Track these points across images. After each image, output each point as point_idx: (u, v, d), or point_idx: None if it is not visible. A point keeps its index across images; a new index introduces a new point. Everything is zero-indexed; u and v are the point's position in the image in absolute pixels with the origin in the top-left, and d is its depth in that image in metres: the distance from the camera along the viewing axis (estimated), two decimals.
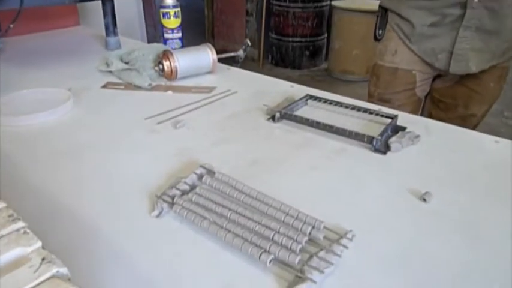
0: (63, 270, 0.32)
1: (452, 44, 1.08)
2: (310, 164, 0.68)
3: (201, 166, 0.62)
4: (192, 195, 0.55)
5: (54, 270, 0.32)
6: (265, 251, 0.46)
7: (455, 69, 1.10)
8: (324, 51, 3.71)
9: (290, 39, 3.54)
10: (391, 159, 0.70)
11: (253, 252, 0.46)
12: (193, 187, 0.58)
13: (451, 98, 1.23)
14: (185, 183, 0.58)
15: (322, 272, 0.44)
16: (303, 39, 3.54)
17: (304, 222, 0.51)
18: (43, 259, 0.33)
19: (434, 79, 1.23)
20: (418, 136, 0.76)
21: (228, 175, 0.59)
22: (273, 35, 3.65)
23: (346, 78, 3.44)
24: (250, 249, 0.46)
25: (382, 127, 0.78)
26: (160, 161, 0.67)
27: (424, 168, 0.67)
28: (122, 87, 1.01)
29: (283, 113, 0.81)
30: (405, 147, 0.74)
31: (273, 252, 0.46)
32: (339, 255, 0.46)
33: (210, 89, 0.98)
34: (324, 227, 0.51)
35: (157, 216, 0.54)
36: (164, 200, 0.55)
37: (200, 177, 0.60)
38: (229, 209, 0.53)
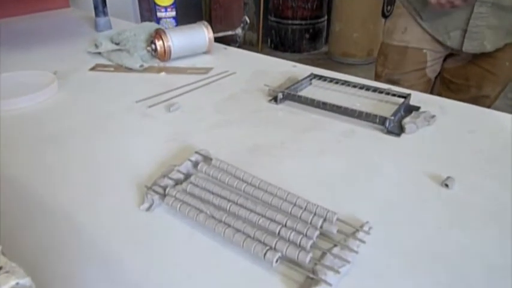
0: (25, 281, 0.26)
1: (466, 22, 1.01)
2: (318, 148, 0.61)
3: (197, 152, 0.55)
4: (187, 185, 0.49)
5: (13, 283, 0.26)
6: (270, 248, 0.40)
7: (469, 48, 1.03)
8: (324, 34, 3.61)
9: (289, 22, 3.44)
10: (406, 142, 0.64)
11: (257, 250, 0.40)
12: (187, 176, 0.52)
13: (462, 79, 1.16)
14: (178, 171, 0.52)
15: (337, 271, 0.38)
16: (303, 22, 3.44)
17: (315, 214, 0.44)
18: (0, 268, 0.26)
19: (445, 59, 1.16)
20: (433, 116, 0.69)
21: (227, 162, 0.52)
22: (272, 18, 3.55)
23: (347, 62, 3.35)
24: (254, 246, 0.40)
25: (394, 107, 0.71)
26: (151, 148, 0.61)
27: (442, 151, 0.61)
28: (112, 69, 0.94)
29: (286, 94, 0.74)
30: (420, 128, 0.67)
31: (280, 249, 0.40)
32: (356, 252, 0.40)
33: (207, 70, 0.91)
34: (337, 219, 0.44)
35: (148, 209, 0.48)
36: (155, 191, 0.49)
37: (195, 164, 0.53)
38: (229, 200, 0.47)
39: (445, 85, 1.20)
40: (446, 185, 0.52)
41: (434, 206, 0.49)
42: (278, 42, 3.59)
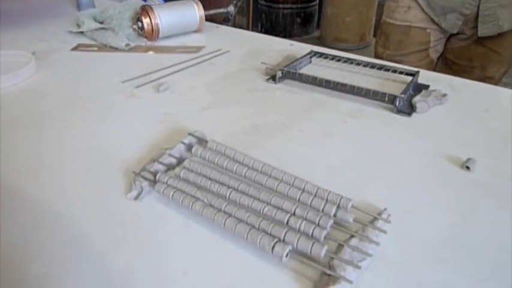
0: None
1: (462, 4, 0.96)
2: (323, 129, 0.56)
3: (190, 134, 0.49)
4: (180, 170, 0.43)
5: None
6: (279, 240, 0.35)
7: (485, 31, 0.98)
8: (316, 18, 3.54)
9: (280, 6, 3.36)
10: (418, 122, 0.58)
11: (264, 243, 0.34)
12: (180, 160, 0.46)
13: (466, 60, 1.11)
14: (170, 155, 0.46)
15: (358, 266, 0.32)
16: (294, 6, 3.36)
17: (327, 201, 0.39)
18: None
19: (448, 39, 1.11)
20: (444, 95, 0.64)
21: (224, 144, 0.47)
22: (263, 2, 3.46)
23: (339, 47, 3.28)
24: (260, 238, 0.35)
25: (401, 86, 0.66)
26: (139, 130, 0.55)
27: (458, 131, 0.56)
28: (95, 49, 0.87)
29: (285, 72, 0.69)
30: (432, 107, 0.62)
31: (290, 241, 0.34)
32: (377, 243, 0.35)
33: (198, 49, 0.85)
34: (352, 206, 0.39)
35: (136, 198, 0.42)
36: (144, 178, 0.43)
37: (189, 147, 0.48)
38: (228, 187, 0.41)
39: (447, 66, 1.15)
40: (467, 167, 0.48)
41: (455, 190, 0.44)
42: (269, 27, 3.51)
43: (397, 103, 0.60)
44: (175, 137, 0.50)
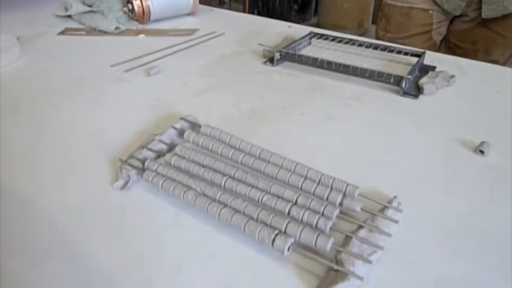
0: None
1: None
2: (325, 113, 0.52)
3: (182, 119, 0.46)
4: (171, 157, 0.40)
5: None
6: (280, 232, 0.31)
7: (489, 13, 0.94)
8: (314, 4, 3.47)
9: None
10: (426, 104, 0.55)
11: (264, 235, 0.31)
12: (171, 146, 0.42)
13: (470, 43, 1.07)
14: (160, 141, 0.43)
15: (368, 261, 0.29)
16: None
17: (331, 188, 0.36)
18: None
19: (451, 21, 1.07)
20: (452, 76, 0.61)
21: (219, 128, 0.43)
22: None
23: None
24: (259, 230, 0.31)
25: (406, 68, 0.63)
26: (127, 116, 0.51)
27: (468, 114, 0.53)
28: (84, 32, 0.82)
29: (284, 54, 0.65)
30: (440, 89, 0.59)
31: (292, 233, 0.31)
32: (388, 234, 0.32)
33: (191, 31, 0.80)
34: (359, 194, 0.36)
35: (123, 187, 0.38)
36: (131, 166, 0.39)
37: (181, 132, 0.44)
38: (224, 174, 0.37)
39: (450, 50, 1.11)
40: (482, 151, 0.44)
41: (470, 176, 0.41)
42: (265, 14, 3.44)
43: (404, 85, 0.56)
44: (166, 123, 0.46)
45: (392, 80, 0.57)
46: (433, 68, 0.64)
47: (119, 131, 0.47)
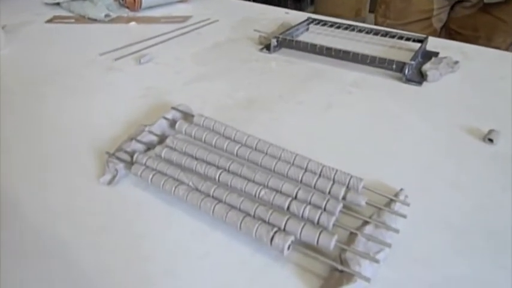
0: None
1: None
2: (325, 101, 0.50)
3: (174, 108, 0.43)
4: (161, 150, 0.37)
5: None
6: (279, 229, 0.29)
7: None
8: None
9: None
10: (430, 91, 0.52)
11: (261, 233, 0.29)
12: (162, 138, 0.40)
13: (471, 29, 1.04)
14: (150, 132, 0.40)
15: (376, 260, 0.27)
16: None
17: (333, 181, 0.33)
18: None
19: (452, 7, 1.04)
20: (457, 62, 0.58)
21: (213, 118, 0.40)
22: None
23: None
24: (256, 227, 0.29)
25: (408, 54, 0.60)
26: (117, 106, 0.48)
27: (474, 101, 0.50)
28: (72, 20, 0.79)
29: (281, 40, 0.62)
30: (444, 75, 0.56)
31: (292, 230, 0.29)
32: (396, 230, 0.29)
33: (184, 18, 0.77)
34: (364, 187, 0.33)
35: (110, 182, 0.36)
36: (119, 159, 0.37)
37: (172, 123, 0.41)
38: (218, 167, 0.35)
39: (451, 37, 1.08)
40: (490, 140, 0.42)
41: (480, 166, 0.39)
42: (261, 3, 3.40)
43: (406, 71, 0.54)
44: (158, 113, 0.44)
45: (394, 66, 0.54)
46: (436, 54, 0.62)
47: (107, 122, 0.45)
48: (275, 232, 0.28)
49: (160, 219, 0.33)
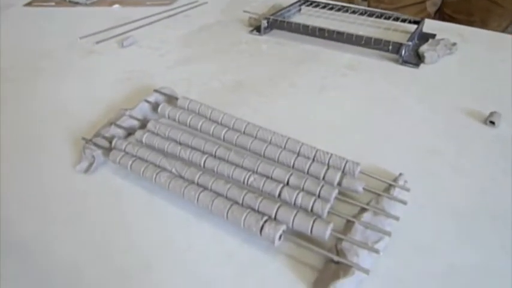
0: None
1: None
2: (318, 83, 0.47)
3: (156, 91, 0.40)
4: (142, 135, 0.34)
5: None
6: (269, 218, 0.26)
7: None
8: None
9: None
10: (428, 73, 0.50)
11: (250, 222, 0.26)
12: (144, 122, 0.37)
13: (465, 14, 1.02)
14: (131, 117, 0.37)
15: (375, 250, 0.24)
16: None
17: (328, 166, 0.31)
18: None
19: None
20: (454, 44, 0.56)
21: (199, 101, 0.38)
22: None
23: None
24: (245, 216, 0.26)
25: (404, 36, 0.58)
26: (96, 90, 0.46)
27: (474, 83, 0.48)
28: (53, 3, 0.75)
29: (271, 21, 0.59)
30: (441, 57, 0.54)
31: (284, 219, 0.26)
32: (396, 218, 0.27)
33: (171, 1, 0.74)
34: (361, 172, 0.31)
35: (86, 170, 0.33)
36: (97, 145, 0.34)
37: (155, 106, 0.38)
38: (203, 152, 0.32)
39: (445, 21, 1.06)
40: (492, 122, 0.40)
41: (481, 149, 0.37)
42: None
43: (403, 52, 0.51)
44: (140, 97, 0.41)
45: (390, 47, 0.52)
46: (433, 36, 0.59)
47: (85, 107, 0.42)
48: (265, 221, 0.26)
49: (140, 209, 0.30)
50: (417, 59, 0.53)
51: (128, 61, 0.52)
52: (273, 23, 0.59)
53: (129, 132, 0.36)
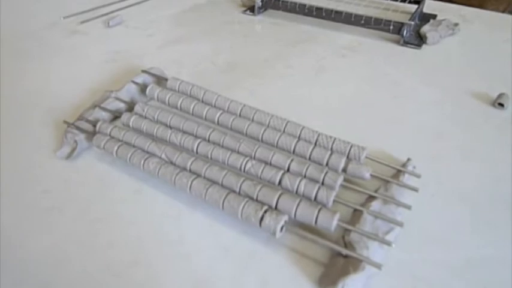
0: None
1: None
2: (316, 65, 0.45)
3: (144, 71, 0.37)
4: (129, 118, 0.32)
5: None
6: (270, 207, 0.24)
7: None
8: None
9: None
10: (431, 54, 0.48)
11: (249, 212, 0.24)
12: (131, 105, 0.34)
13: None
14: (117, 99, 0.34)
15: (387, 242, 0.22)
16: None
17: (331, 151, 0.28)
18: None
19: None
20: (457, 24, 0.53)
21: (190, 82, 0.35)
22: None
23: None
24: (243, 206, 0.24)
25: (404, 16, 0.55)
26: (79, 71, 0.43)
27: (478, 64, 0.46)
28: None
29: (266, 0, 0.56)
30: (443, 37, 0.51)
31: (286, 209, 0.24)
32: (408, 206, 0.25)
33: None
34: (367, 157, 0.29)
35: (68, 156, 0.30)
36: (79, 129, 0.31)
37: (143, 88, 0.36)
38: (196, 136, 0.30)
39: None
40: (501, 104, 0.38)
41: (491, 133, 0.35)
42: None
43: (405, 32, 0.49)
44: (127, 78, 0.38)
45: (391, 27, 0.49)
46: (434, 17, 0.57)
47: (67, 89, 0.39)
48: (265, 211, 0.23)
49: (127, 198, 0.28)
50: (419, 40, 0.50)
51: (114, 41, 0.49)
52: (267, 3, 0.56)
53: (115, 116, 0.33)
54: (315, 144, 0.29)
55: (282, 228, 0.23)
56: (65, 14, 0.57)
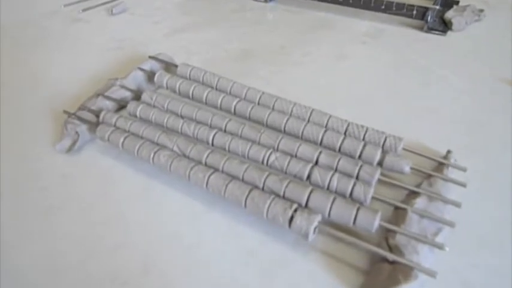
0: None
1: None
2: (336, 52, 0.41)
3: (152, 57, 0.34)
4: (136, 107, 0.28)
5: None
6: (300, 206, 0.21)
7: None
8: None
9: None
10: (457, 41, 0.45)
11: (276, 211, 0.21)
12: (138, 93, 0.31)
13: None
14: (122, 87, 0.31)
15: (440, 246, 0.19)
16: None
17: (364, 142, 0.25)
18: None
19: None
20: (482, 10, 0.50)
21: (203, 68, 0.32)
22: None
23: None
24: (269, 204, 0.21)
25: (425, 2, 0.51)
26: (81, 60, 0.40)
27: (507, 51, 0.42)
28: None
29: None
30: (469, 24, 0.48)
31: (319, 207, 0.21)
32: (458, 204, 0.22)
33: None
34: (403, 149, 0.25)
35: (69, 150, 0.27)
36: (81, 119, 0.28)
37: (151, 75, 0.33)
38: (211, 126, 0.27)
39: None
40: None
41: None
42: None
43: (429, 18, 0.45)
44: (132, 66, 0.35)
45: (415, 12, 0.46)
46: (457, 3, 0.53)
47: (69, 78, 0.36)
48: (295, 210, 0.20)
49: (136, 196, 0.25)
50: (444, 26, 0.47)
51: (118, 29, 0.46)
52: None
53: (120, 105, 0.30)
54: (345, 134, 0.26)
55: (315, 230, 0.20)
56: (65, 2, 0.54)
